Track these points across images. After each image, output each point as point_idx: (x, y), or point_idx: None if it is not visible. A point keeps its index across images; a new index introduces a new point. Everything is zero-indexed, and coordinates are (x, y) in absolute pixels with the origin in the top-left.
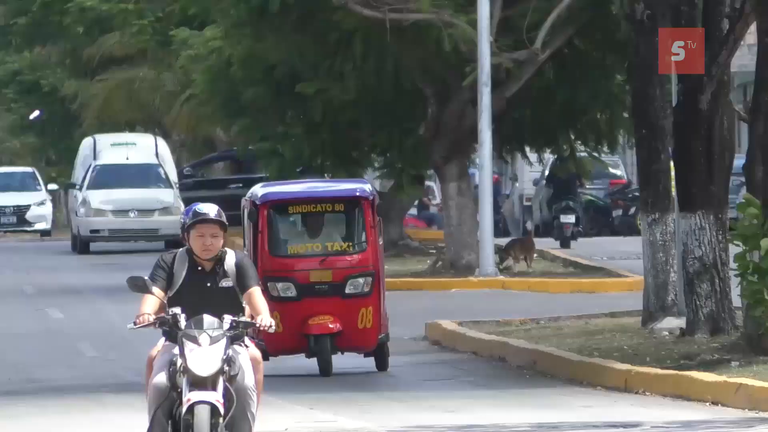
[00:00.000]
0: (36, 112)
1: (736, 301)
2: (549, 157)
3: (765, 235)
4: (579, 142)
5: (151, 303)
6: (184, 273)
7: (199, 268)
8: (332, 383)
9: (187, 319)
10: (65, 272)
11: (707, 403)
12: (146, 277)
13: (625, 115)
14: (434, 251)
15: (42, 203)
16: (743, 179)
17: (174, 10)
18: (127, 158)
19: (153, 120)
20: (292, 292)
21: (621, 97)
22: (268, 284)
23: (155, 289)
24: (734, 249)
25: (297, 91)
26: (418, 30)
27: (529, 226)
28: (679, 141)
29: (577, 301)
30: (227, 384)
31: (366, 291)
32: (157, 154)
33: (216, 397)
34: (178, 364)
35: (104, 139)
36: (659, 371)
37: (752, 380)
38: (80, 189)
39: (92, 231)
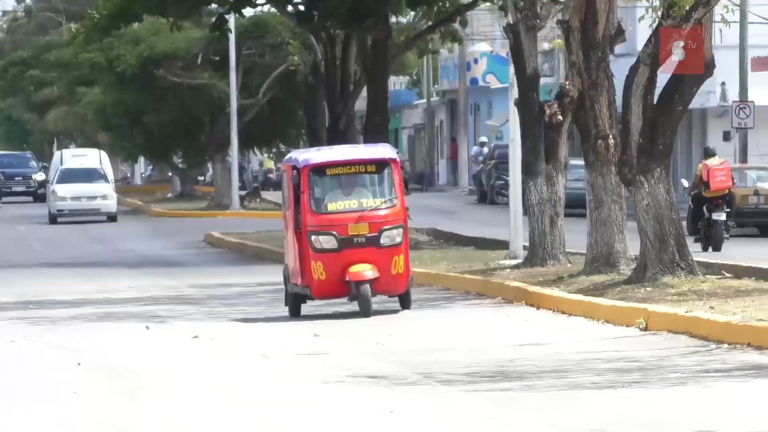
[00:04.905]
0: None
1: None
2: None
3: None
4: (283, 145)
5: None
6: None
7: None
8: None
9: None
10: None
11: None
12: None
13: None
14: (210, 198)
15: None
16: None
17: (78, 75)
18: (81, 164)
19: (70, 134)
20: (333, 244)
21: (302, 123)
22: (312, 238)
23: None
24: None
25: (143, 120)
26: (200, 87)
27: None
28: (330, 143)
29: None
30: None
31: (398, 242)
32: (100, 161)
33: None
34: None
35: (67, 153)
36: None
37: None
38: (52, 183)
39: (58, 210)
